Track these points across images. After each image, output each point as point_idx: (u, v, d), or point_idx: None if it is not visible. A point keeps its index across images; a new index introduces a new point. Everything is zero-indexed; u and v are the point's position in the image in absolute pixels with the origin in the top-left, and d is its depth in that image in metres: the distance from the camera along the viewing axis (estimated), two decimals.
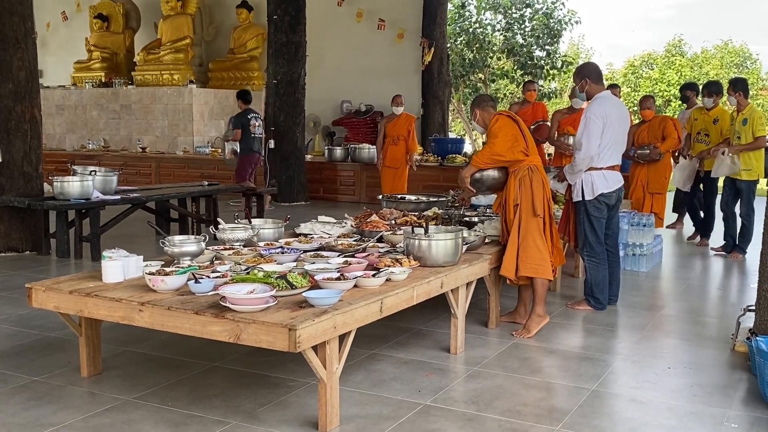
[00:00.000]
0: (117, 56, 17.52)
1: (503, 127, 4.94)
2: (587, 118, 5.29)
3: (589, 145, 5.27)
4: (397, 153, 10.06)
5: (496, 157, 4.91)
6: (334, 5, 15.53)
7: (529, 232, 4.87)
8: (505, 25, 23.35)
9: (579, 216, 5.50)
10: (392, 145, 10.04)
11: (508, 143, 4.89)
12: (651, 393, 3.97)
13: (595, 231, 5.45)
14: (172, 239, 4.10)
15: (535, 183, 4.91)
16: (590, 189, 5.37)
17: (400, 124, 10.01)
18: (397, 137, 10.01)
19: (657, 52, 35.79)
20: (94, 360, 4.09)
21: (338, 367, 3.38)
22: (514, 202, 4.91)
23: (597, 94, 5.42)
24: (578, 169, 5.35)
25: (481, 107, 5.17)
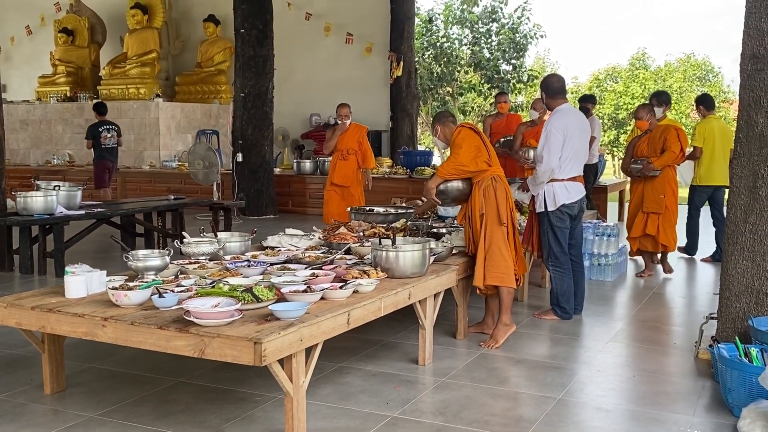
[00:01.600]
0: (82, 70, 17.35)
1: (466, 138, 5.00)
2: (548, 131, 5.37)
3: (550, 157, 5.34)
4: (347, 169, 8.57)
5: (461, 167, 4.97)
6: (302, 19, 15.56)
7: (494, 240, 4.92)
8: (472, 40, 23.58)
9: (542, 227, 5.56)
10: (341, 160, 8.60)
11: (471, 153, 4.96)
12: (616, 401, 4.01)
13: (558, 241, 5.51)
14: (136, 254, 4.06)
15: (499, 192, 4.97)
16: (552, 200, 5.44)
17: (349, 137, 8.63)
18: (346, 151, 8.60)
19: (621, 65, 36.36)
20: (58, 377, 4.03)
21: (305, 380, 3.36)
22: (480, 211, 4.95)
23: (557, 107, 5.50)
24: (540, 181, 5.42)
25: (442, 123, 5.25)
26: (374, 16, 15.22)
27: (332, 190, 8.63)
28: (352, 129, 8.67)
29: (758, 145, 4.28)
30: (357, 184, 8.71)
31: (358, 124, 8.83)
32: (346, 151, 8.59)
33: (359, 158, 8.64)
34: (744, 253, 4.35)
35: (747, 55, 4.34)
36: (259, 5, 12.32)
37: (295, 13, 15.40)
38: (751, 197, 4.31)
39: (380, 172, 12.86)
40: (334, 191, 8.60)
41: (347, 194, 8.57)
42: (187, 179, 12.68)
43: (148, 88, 15.87)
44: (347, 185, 8.60)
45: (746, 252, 4.34)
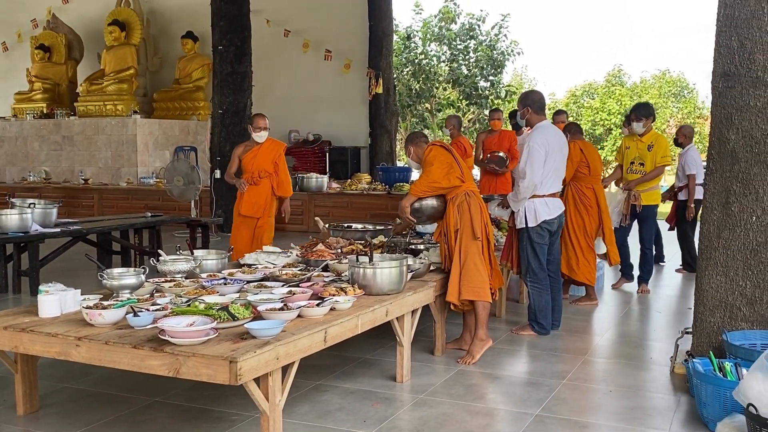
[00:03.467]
0: (59, 87, 17.25)
1: (437, 155, 5.02)
2: (530, 147, 5.40)
3: (532, 173, 5.38)
4: (257, 197, 6.98)
5: (434, 184, 4.98)
6: (281, 36, 15.60)
7: (470, 255, 4.93)
8: (450, 56, 23.76)
9: (522, 242, 5.59)
10: (250, 185, 7.00)
11: (443, 170, 4.97)
12: (593, 416, 4.03)
13: (537, 257, 5.55)
14: (111, 272, 4.03)
15: (473, 207, 4.99)
16: (533, 216, 5.47)
17: (263, 156, 6.97)
18: (257, 174, 6.94)
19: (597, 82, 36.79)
20: (31, 397, 3.97)
21: (281, 399, 3.34)
22: (455, 227, 4.96)
23: (537, 123, 5.55)
24: (522, 197, 5.46)
25: (414, 143, 5.26)
26: (353, 33, 15.29)
27: (239, 222, 7.06)
28: (267, 146, 6.99)
29: (730, 162, 4.34)
30: (269, 216, 7.06)
31: (275, 140, 7.22)
32: (257, 173, 6.94)
33: (274, 183, 7.03)
34: (717, 268, 4.40)
35: (718, 73, 4.41)
36: (237, 22, 12.34)
37: (274, 29, 15.45)
38: (724, 213, 4.37)
39: (359, 188, 12.88)
40: (242, 224, 7.03)
41: (257, 228, 6.97)
42: (164, 196, 12.60)
43: (125, 104, 15.80)
44: (257, 216, 6.97)
45: (719, 267, 4.39)
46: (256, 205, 6.99)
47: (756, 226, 4.28)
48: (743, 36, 4.25)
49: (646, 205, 7.32)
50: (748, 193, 4.28)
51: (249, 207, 7.01)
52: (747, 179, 4.28)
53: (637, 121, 7.35)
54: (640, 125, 7.32)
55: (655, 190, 7.39)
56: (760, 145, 4.24)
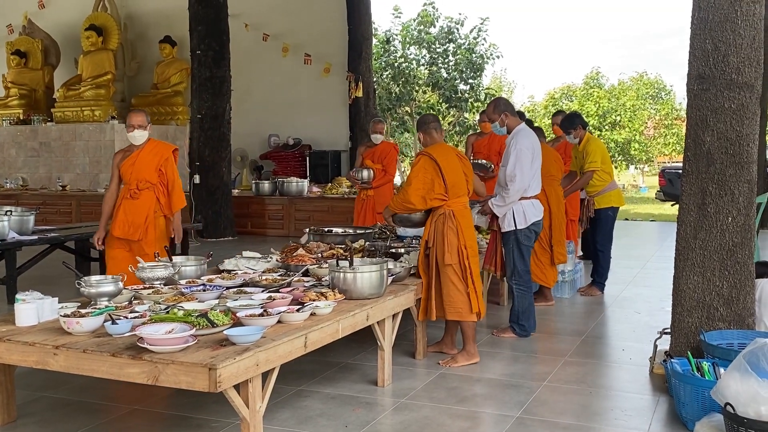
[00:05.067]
0: (36, 93, 17.05)
1: (420, 171, 4.91)
2: (519, 150, 5.41)
3: (522, 176, 5.40)
4: (134, 214, 5.56)
5: (408, 204, 4.94)
6: (260, 40, 15.54)
7: (447, 276, 4.88)
8: (429, 60, 23.80)
9: (508, 245, 5.58)
10: (127, 199, 5.60)
11: (421, 191, 4.87)
12: (573, 417, 4.05)
13: (524, 259, 5.56)
14: (89, 279, 4.00)
15: (448, 230, 4.87)
16: (522, 218, 5.48)
17: (143, 163, 5.60)
18: (136, 186, 5.58)
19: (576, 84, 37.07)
20: (8, 407, 3.93)
21: (261, 405, 3.33)
22: (428, 243, 4.95)
23: (517, 126, 5.56)
24: (511, 201, 5.44)
25: (423, 130, 5.11)
26: (332, 36, 15.28)
27: (114, 247, 5.63)
28: (149, 150, 5.63)
29: (705, 163, 4.39)
30: (153, 238, 5.56)
31: (160, 142, 5.85)
32: (135, 185, 5.56)
33: (160, 195, 5.65)
34: (695, 269, 4.45)
35: (693, 76, 4.46)
36: (215, 26, 12.29)
37: (253, 34, 15.39)
38: (700, 214, 4.41)
39: (340, 192, 12.87)
40: (117, 248, 5.61)
41: (140, 254, 5.28)
42: None
43: (103, 110, 15.67)
44: (133, 238, 5.52)
45: (696, 268, 4.44)
46: (132, 225, 5.51)
47: (732, 226, 4.33)
48: (717, 39, 4.31)
49: (598, 208, 7.31)
50: (724, 194, 4.33)
51: (123, 227, 5.51)
52: (722, 180, 4.33)
53: (567, 134, 7.38)
54: (571, 137, 7.34)
55: (607, 193, 7.30)
56: (735, 146, 4.29)
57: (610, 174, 7.43)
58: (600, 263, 7.47)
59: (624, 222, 15.31)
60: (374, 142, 8.47)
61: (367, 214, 8.39)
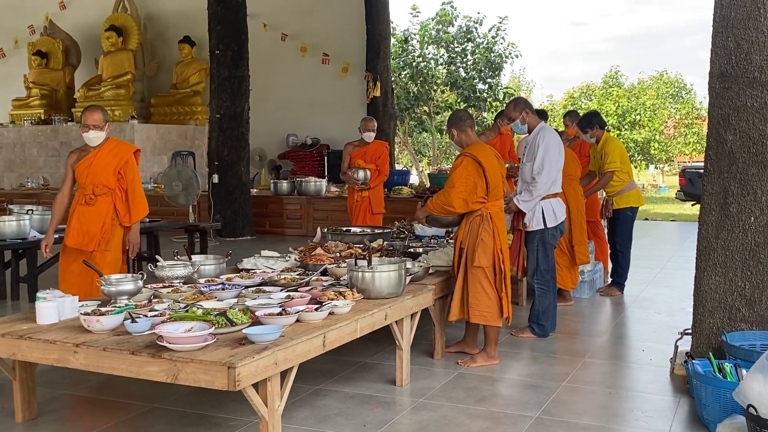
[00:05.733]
0: (57, 93, 17.23)
1: (464, 174, 4.80)
2: (546, 144, 5.36)
3: (550, 169, 5.37)
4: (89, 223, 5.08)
5: (448, 207, 4.85)
6: (278, 40, 15.60)
7: (477, 279, 4.86)
8: (447, 59, 23.75)
9: (532, 244, 5.52)
10: (82, 205, 5.11)
11: (463, 194, 4.78)
12: (593, 418, 4.02)
13: (547, 258, 5.52)
14: (109, 278, 4.02)
15: (485, 233, 4.83)
16: (552, 216, 5.44)
17: (99, 165, 5.09)
18: (92, 191, 5.09)
19: (595, 83, 36.84)
20: (29, 404, 3.96)
21: (280, 404, 3.33)
22: (461, 245, 4.92)
23: (538, 124, 5.53)
24: (537, 195, 5.38)
25: (458, 127, 5.01)
26: (350, 36, 15.30)
27: (70, 259, 5.12)
28: (107, 151, 5.10)
29: (728, 162, 4.34)
30: (107, 250, 5.10)
31: (120, 142, 5.32)
32: (91, 189, 5.06)
33: (117, 202, 5.12)
34: (716, 269, 4.40)
35: (715, 74, 4.41)
36: (234, 27, 12.34)
37: (271, 34, 15.45)
38: (722, 213, 4.36)
39: None
40: (71, 259, 5.12)
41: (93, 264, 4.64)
42: (162, 201, 12.59)
43: (123, 110, 15.80)
44: (87, 249, 5.04)
45: (718, 268, 4.39)
46: (87, 234, 5.03)
47: (754, 226, 4.27)
48: (740, 37, 4.25)
49: (617, 208, 7.23)
50: (746, 193, 4.28)
51: (77, 236, 5.05)
52: (745, 180, 4.28)
53: (584, 133, 7.34)
54: (587, 136, 7.31)
55: (626, 193, 7.22)
56: (758, 145, 4.24)
57: (629, 174, 7.37)
58: (619, 263, 7.42)
59: (644, 222, 15.19)
60: (366, 141, 8.24)
61: (363, 215, 8.18)
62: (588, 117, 7.44)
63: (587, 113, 7.74)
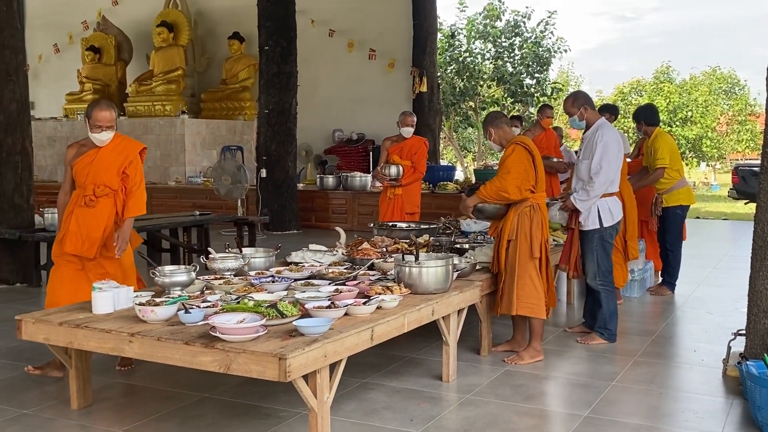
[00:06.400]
0: (109, 88, 17.59)
1: (517, 161, 4.83)
2: (605, 143, 5.23)
3: (609, 168, 5.23)
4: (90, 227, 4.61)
5: (503, 193, 4.83)
6: (326, 36, 15.69)
7: (526, 270, 4.84)
8: (494, 54, 23.61)
9: (591, 244, 5.38)
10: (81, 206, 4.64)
11: (517, 181, 4.80)
12: (643, 418, 3.96)
13: (608, 258, 5.40)
14: (163, 269, 4.10)
15: (535, 223, 4.85)
16: (609, 216, 5.33)
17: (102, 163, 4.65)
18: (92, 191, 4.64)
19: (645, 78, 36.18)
20: (84, 392, 4.07)
21: (329, 396, 3.37)
22: (509, 236, 4.88)
23: (597, 120, 5.38)
24: (595, 194, 5.25)
25: (495, 125, 5.05)
26: (397, 31, 15.31)
27: (62, 263, 4.65)
28: (111, 149, 4.67)
29: None
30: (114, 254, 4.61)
31: (127, 139, 4.83)
32: (92, 190, 4.60)
33: (119, 202, 4.68)
34: None
35: None
36: (283, 23, 12.45)
37: (319, 29, 15.55)
38: None
39: None
40: (68, 265, 4.64)
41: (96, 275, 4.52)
42: (212, 195, 12.79)
43: (173, 105, 16.07)
44: (88, 255, 4.58)
45: None
46: (87, 239, 4.56)
47: None
48: None
49: (666, 206, 7.10)
50: None
51: (76, 241, 4.56)
52: None
53: (638, 130, 7.26)
54: (640, 133, 7.22)
55: (676, 191, 7.09)
56: None
57: (680, 171, 7.22)
58: (670, 263, 7.29)
59: (695, 220, 14.90)
60: (404, 136, 7.82)
61: (394, 214, 7.68)
62: (636, 112, 7.32)
63: (640, 107, 7.60)
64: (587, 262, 5.43)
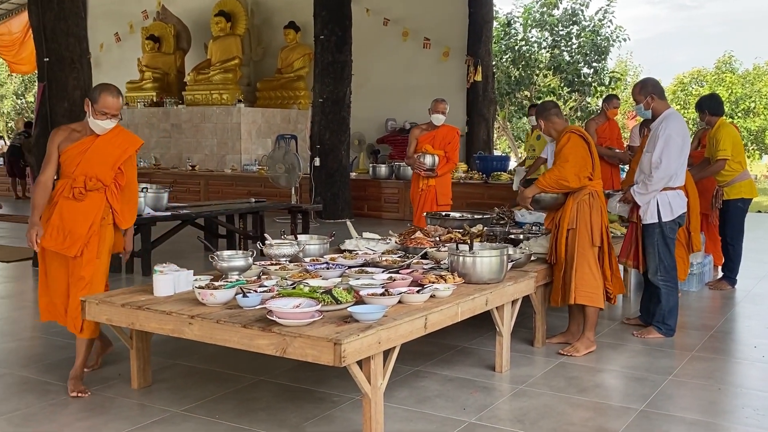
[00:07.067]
0: (168, 76, 17.93)
1: (574, 150, 4.80)
2: (668, 136, 5.08)
3: (669, 163, 5.09)
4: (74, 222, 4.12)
5: (563, 182, 4.79)
6: (380, 25, 15.69)
7: (586, 259, 4.80)
8: (551, 43, 23.29)
9: (652, 239, 5.26)
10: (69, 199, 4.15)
11: (576, 169, 4.76)
12: (701, 413, 3.89)
13: (670, 253, 5.27)
14: (221, 254, 4.18)
15: (594, 211, 4.82)
16: (668, 210, 5.19)
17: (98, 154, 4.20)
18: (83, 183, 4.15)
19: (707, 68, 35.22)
20: (144, 372, 4.18)
21: (383, 382, 3.39)
22: (569, 225, 4.83)
23: (665, 110, 5.23)
24: (653, 189, 5.14)
25: (545, 117, 5.02)
26: (452, 20, 15.22)
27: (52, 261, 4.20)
28: (109, 139, 4.22)
29: None
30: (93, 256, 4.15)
31: (126, 132, 4.39)
32: (83, 182, 4.13)
33: (114, 200, 4.23)
34: None
35: None
36: (338, 12, 12.49)
37: (374, 18, 15.56)
38: None
39: (455, 177, 12.83)
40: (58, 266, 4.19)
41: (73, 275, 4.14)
42: (266, 183, 12.94)
43: (230, 93, 16.29)
44: (69, 253, 4.10)
45: None
46: (70, 235, 4.09)
47: None
48: None
49: (728, 199, 6.92)
50: None
51: (57, 236, 4.09)
52: None
53: (701, 119, 7.07)
54: (703, 123, 7.02)
55: (737, 183, 6.88)
56: None
57: (742, 163, 7.01)
58: (730, 257, 7.12)
59: (756, 214, 14.47)
60: (435, 124, 7.45)
61: (428, 206, 7.32)
62: (699, 101, 7.14)
63: (704, 96, 7.41)
64: (648, 257, 5.32)
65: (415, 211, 7.54)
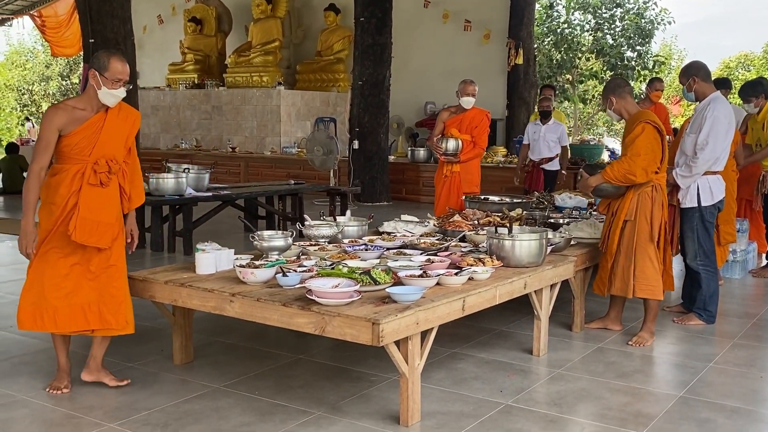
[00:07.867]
0: (209, 58, 18.09)
1: (647, 143, 4.63)
2: (715, 118, 4.99)
3: (715, 145, 5.00)
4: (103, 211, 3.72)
5: (631, 176, 4.64)
6: (421, 7, 15.60)
7: (647, 252, 4.73)
8: (594, 26, 22.89)
9: (691, 223, 5.19)
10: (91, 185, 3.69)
11: (646, 163, 4.61)
12: (742, 401, 3.84)
13: (710, 238, 5.19)
14: (262, 234, 4.23)
15: (656, 205, 4.72)
16: (709, 194, 5.12)
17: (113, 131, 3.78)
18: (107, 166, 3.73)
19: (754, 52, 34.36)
20: (186, 348, 4.27)
21: (420, 363, 3.41)
22: (627, 216, 4.74)
23: (711, 93, 5.12)
24: (697, 172, 5.05)
25: (617, 94, 4.80)
26: (493, 2, 15.07)
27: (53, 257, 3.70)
28: (116, 113, 3.78)
29: None
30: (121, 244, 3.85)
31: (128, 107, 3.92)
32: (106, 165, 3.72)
33: (125, 181, 3.83)
34: None
35: None
36: None
37: (414, 0, 15.46)
38: None
39: (494, 161, 12.76)
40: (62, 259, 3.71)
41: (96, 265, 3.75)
42: (305, 165, 13.02)
43: (270, 76, 16.38)
44: (105, 246, 3.74)
45: None
46: (101, 225, 3.71)
47: None
48: None
49: None
50: None
51: (88, 228, 3.66)
52: None
53: (746, 102, 6.83)
54: (751, 106, 6.80)
55: None
56: None
57: None
58: None
59: None
60: (464, 107, 6.89)
61: (451, 194, 6.87)
62: (753, 84, 6.94)
63: (751, 80, 7.22)
64: (687, 242, 5.24)
65: (437, 199, 7.08)
